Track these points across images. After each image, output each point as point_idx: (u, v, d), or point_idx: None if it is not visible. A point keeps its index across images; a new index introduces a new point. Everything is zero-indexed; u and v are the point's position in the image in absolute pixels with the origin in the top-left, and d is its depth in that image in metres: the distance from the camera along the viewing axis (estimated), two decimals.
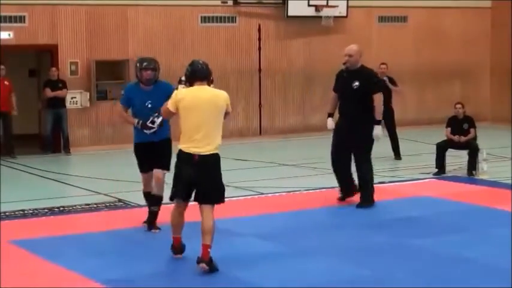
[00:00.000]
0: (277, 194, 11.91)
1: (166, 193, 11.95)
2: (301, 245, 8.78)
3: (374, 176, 10.94)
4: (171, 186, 8.10)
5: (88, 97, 17.64)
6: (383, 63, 15.79)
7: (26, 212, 10.76)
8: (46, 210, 10.86)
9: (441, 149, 13.61)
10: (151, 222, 9.47)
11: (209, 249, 7.70)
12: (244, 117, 19.37)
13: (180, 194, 7.98)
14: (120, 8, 17.95)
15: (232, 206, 10.98)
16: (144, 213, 9.87)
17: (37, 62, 18.94)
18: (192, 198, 8.05)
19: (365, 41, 20.43)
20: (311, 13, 19.45)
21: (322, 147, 18.00)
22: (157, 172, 9.30)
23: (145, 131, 9.31)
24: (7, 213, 10.57)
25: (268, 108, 19.54)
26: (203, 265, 7.66)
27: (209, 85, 8.04)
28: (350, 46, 10.84)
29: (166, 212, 10.17)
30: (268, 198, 11.65)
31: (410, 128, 19.62)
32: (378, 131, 10.57)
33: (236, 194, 11.96)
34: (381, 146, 15.64)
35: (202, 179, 7.81)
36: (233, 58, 19.14)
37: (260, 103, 19.50)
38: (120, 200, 11.62)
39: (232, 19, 19.08)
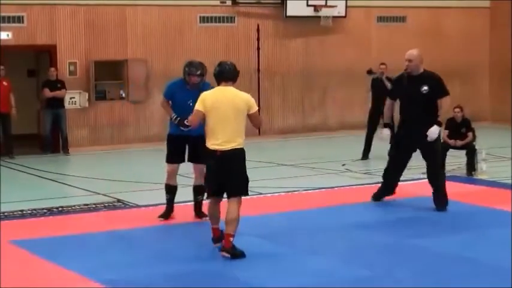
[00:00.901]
0: (276, 194, 11.89)
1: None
2: (301, 245, 8.77)
3: (373, 176, 10.96)
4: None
5: (87, 97, 17.64)
6: (382, 63, 15.78)
7: (24, 212, 10.75)
8: (45, 211, 10.85)
9: (442, 149, 13.57)
10: (199, 211, 9.75)
11: (231, 238, 8.12)
12: None
13: (209, 190, 8.46)
14: (118, 8, 17.94)
15: None
16: (143, 212, 9.84)
17: (36, 62, 18.95)
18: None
19: (364, 41, 20.48)
20: (310, 13, 19.44)
21: (321, 147, 18.06)
22: (200, 165, 9.31)
23: (181, 127, 9.45)
24: (6, 214, 10.55)
25: (267, 108, 19.53)
26: (224, 253, 8.13)
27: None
28: (410, 51, 10.59)
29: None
30: (267, 198, 11.64)
31: None
32: (436, 131, 10.38)
33: None
34: (380, 146, 15.69)
35: (225, 174, 8.21)
36: (232, 58, 19.00)
37: (259, 103, 19.48)
38: (119, 200, 11.60)
39: (231, 19, 19.08)
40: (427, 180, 10.67)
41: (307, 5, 19.38)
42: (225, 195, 8.41)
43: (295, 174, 14.01)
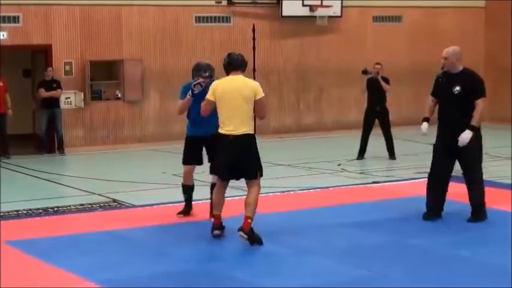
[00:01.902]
0: (271, 194, 11.88)
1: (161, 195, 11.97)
2: (297, 245, 8.76)
3: (368, 176, 10.92)
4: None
5: (82, 97, 17.63)
6: (377, 63, 15.77)
7: (20, 212, 10.73)
8: (40, 211, 10.83)
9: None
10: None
11: (249, 220, 8.39)
12: None
13: (221, 174, 8.73)
14: (114, 8, 17.93)
15: (226, 206, 10.98)
16: (139, 212, 9.81)
17: (31, 62, 18.92)
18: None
19: (360, 41, 20.50)
20: (305, 13, 19.45)
21: (316, 147, 18.07)
22: None
23: (195, 90, 9.58)
24: (1, 214, 10.53)
25: None
26: (241, 233, 8.37)
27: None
28: (447, 48, 10.22)
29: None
30: (262, 198, 11.57)
31: (405, 127, 19.62)
32: (468, 135, 9.57)
33: (231, 194, 11.92)
34: (375, 146, 15.71)
35: (238, 157, 8.53)
36: None
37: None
38: (114, 200, 11.59)
39: (226, 19, 19.08)
40: (425, 179, 10.46)
41: (303, 5, 19.39)
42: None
43: (291, 174, 14.01)
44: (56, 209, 11.01)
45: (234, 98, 8.54)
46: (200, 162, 9.87)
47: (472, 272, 7.68)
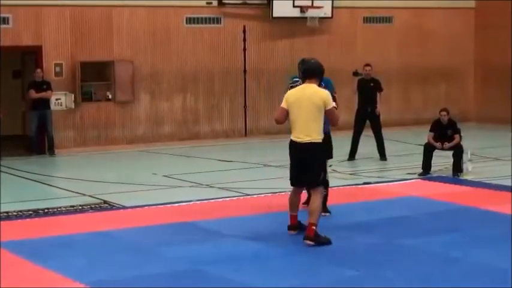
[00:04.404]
0: (262, 195, 11.89)
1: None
2: (289, 245, 8.77)
3: (359, 177, 10.92)
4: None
5: (73, 98, 17.59)
6: (367, 65, 15.79)
7: (10, 214, 10.70)
8: (31, 212, 10.80)
9: (429, 150, 13.62)
10: (324, 205, 9.80)
11: (313, 227, 8.59)
12: (230, 118, 19.37)
13: (291, 179, 9.01)
14: (105, 9, 17.91)
15: (218, 207, 11.00)
16: (129, 213, 9.79)
17: (21, 63, 18.88)
18: None
19: (350, 42, 20.53)
20: (296, 14, 19.46)
21: None
22: None
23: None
24: None
25: (254, 109, 19.54)
26: (307, 241, 8.59)
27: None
28: None
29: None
30: (254, 199, 11.64)
31: (395, 128, 19.68)
32: None
33: (222, 195, 11.95)
34: (366, 146, 15.73)
35: (301, 165, 8.82)
36: (218, 59, 19.13)
37: (245, 104, 19.50)
38: (105, 202, 11.57)
39: (217, 20, 19.08)
40: (415, 180, 10.54)
41: (294, 6, 19.39)
42: None
43: (282, 175, 13.95)
44: (46, 210, 10.98)
45: (303, 106, 8.77)
46: None
47: (460, 272, 7.70)
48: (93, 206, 11.31)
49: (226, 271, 7.75)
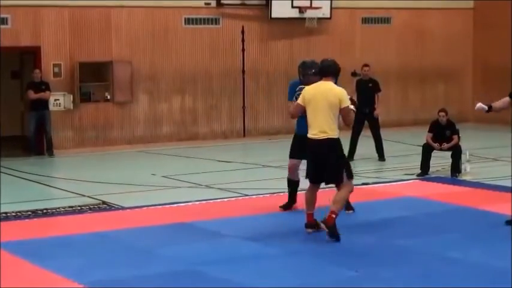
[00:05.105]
0: (261, 195, 11.90)
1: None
2: (287, 246, 8.78)
3: (358, 177, 10.90)
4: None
5: (71, 99, 17.57)
6: (366, 65, 15.80)
7: (9, 214, 10.70)
8: (29, 213, 10.81)
9: (427, 150, 13.63)
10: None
11: (333, 215, 8.70)
12: (228, 119, 19.37)
13: (309, 176, 9.15)
14: (103, 9, 17.90)
15: (216, 208, 11.01)
16: (128, 214, 9.79)
17: (20, 63, 18.87)
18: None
19: (349, 43, 20.52)
20: (295, 15, 19.45)
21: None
22: None
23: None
24: None
25: (252, 110, 19.54)
26: (323, 225, 8.78)
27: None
28: None
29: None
30: (252, 200, 11.65)
31: (394, 129, 19.69)
32: None
33: (220, 196, 11.96)
34: (365, 147, 15.74)
35: (320, 162, 8.93)
36: (217, 59, 19.13)
37: (244, 105, 19.49)
38: (104, 202, 11.58)
39: (216, 21, 19.07)
40: (414, 181, 10.56)
41: (292, 7, 19.39)
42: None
43: (280, 175, 13.98)
44: (45, 211, 10.98)
45: (319, 103, 8.89)
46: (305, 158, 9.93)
47: (458, 272, 7.71)
48: (91, 206, 11.31)
49: (225, 271, 7.76)
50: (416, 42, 21.37)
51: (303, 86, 9.70)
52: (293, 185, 10.51)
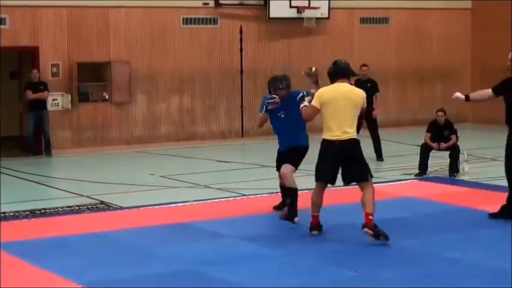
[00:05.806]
0: (259, 195, 11.89)
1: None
2: (286, 246, 8.78)
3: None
4: None
5: (69, 99, 17.57)
6: (364, 65, 15.80)
7: (7, 214, 10.69)
8: (27, 213, 10.80)
9: (426, 150, 13.63)
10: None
11: (370, 217, 8.70)
12: (226, 119, 19.37)
13: (321, 177, 9.19)
14: (101, 9, 17.89)
15: (215, 208, 11.01)
16: (126, 214, 9.79)
17: (18, 63, 18.85)
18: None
19: (347, 43, 20.53)
20: (293, 15, 19.46)
21: None
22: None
23: (269, 106, 9.95)
24: None
25: (250, 110, 19.53)
26: (366, 229, 8.70)
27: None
28: None
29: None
30: (250, 200, 11.65)
31: (392, 129, 19.69)
32: None
33: (219, 196, 11.96)
34: (363, 147, 15.69)
35: (346, 162, 8.94)
36: (215, 60, 19.12)
37: (242, 104, 19.49)
38: (102, 202, 11.57)
39: (214, 21, 19.07)
40: (412, 181, 10.56)
41: (290, 7, 19.40)
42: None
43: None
44: (43, 211, 10.98)
45: (341, 104, 8.86)
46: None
47: (456, 272, 7.71)
48: (90, 206, 11.31)
49: (224, 271, 7.76)
50: (414, 42, 21.38)
51: (275, 96, 9.86)
52: (293, 194, 10.13)
